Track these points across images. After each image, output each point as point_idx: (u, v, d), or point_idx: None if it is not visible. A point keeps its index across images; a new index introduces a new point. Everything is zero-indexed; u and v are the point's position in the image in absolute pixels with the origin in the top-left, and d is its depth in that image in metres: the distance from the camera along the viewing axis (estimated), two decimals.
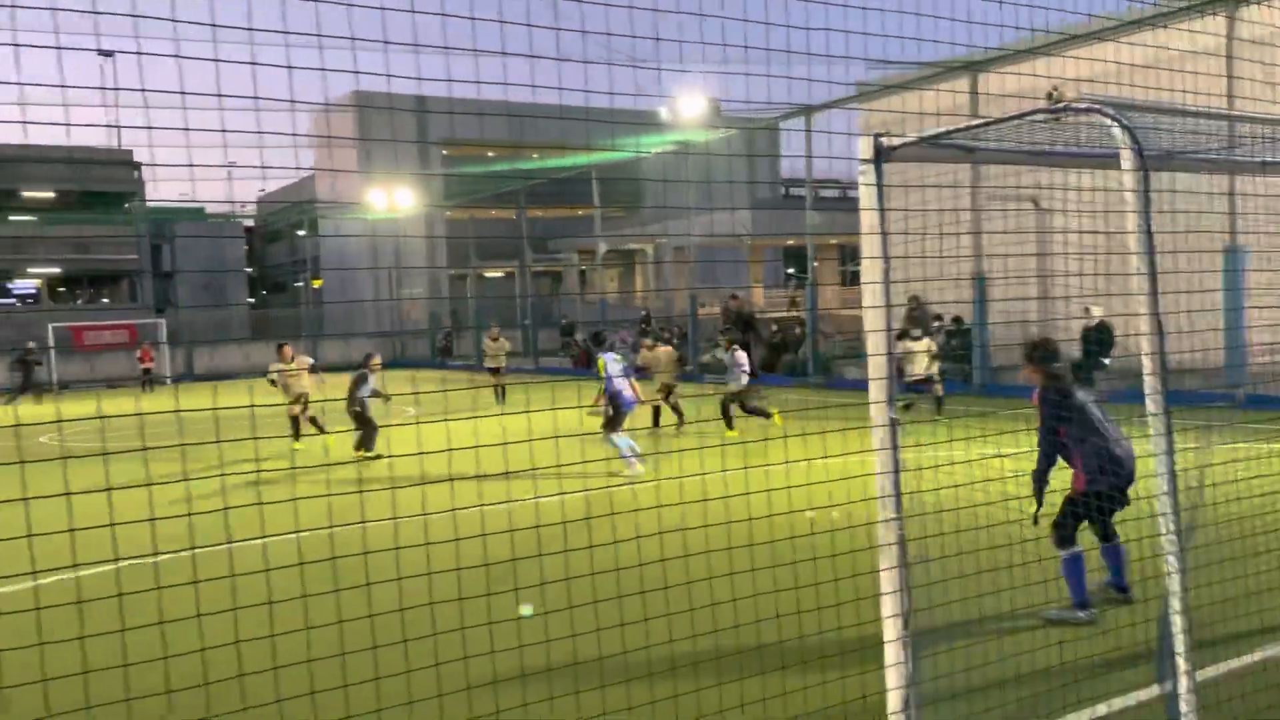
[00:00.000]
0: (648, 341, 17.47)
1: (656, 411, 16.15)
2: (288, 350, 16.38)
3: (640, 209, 43.64)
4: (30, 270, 53.85)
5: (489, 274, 50.86)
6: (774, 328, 28.42)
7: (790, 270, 48.54)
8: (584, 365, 32.29)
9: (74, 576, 4.25)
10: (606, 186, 37.37)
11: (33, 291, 56.00)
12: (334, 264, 54.01)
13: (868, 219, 4.13)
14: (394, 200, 38.93)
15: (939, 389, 16.55)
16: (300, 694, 3.89)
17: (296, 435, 15.75)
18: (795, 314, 27.77)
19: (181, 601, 3.94)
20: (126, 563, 4.31)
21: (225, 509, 3.80)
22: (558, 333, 39.48)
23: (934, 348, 16.47)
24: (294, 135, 3.75)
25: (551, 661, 4.86)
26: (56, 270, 54.25)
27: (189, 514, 3.28)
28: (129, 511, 3.32)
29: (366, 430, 14.28)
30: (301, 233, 59.39)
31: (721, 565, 4.36)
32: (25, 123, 3.09)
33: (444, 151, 48.45)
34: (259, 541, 4.03)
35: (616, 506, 8.30)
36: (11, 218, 51.06)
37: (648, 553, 4.44)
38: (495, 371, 22.39)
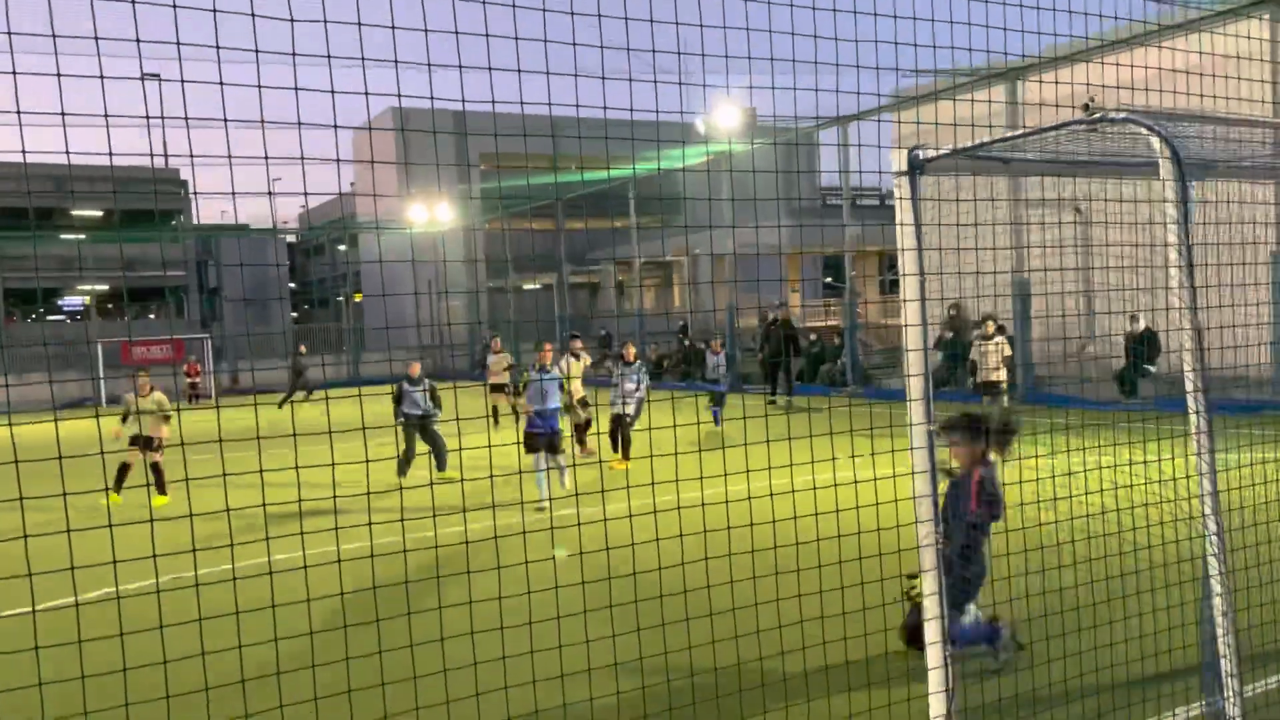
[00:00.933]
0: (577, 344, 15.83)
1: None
2: (144, 383, 13.34)
3: (677, 219, 43.70)
4: (80, 287, 55.09)
5: (527, 286, 51.18)
6: (812, 338, 28.31)
7: (829, 280, 48.31)
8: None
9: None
10: (643, 199, 37.53)
11: (80, 307, 57.28)
12: (373, 278, 54.66)
13: (904, 231, 4.14)
14: (434, 214, 39.30)
15: (1004, 399, 15.52)
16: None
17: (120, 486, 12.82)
18: (833, 324, 27.64)
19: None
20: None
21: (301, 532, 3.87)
22: (596, 344, 39.66)
23: (1007, 350, 15.42)
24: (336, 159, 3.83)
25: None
26: (104, 287, 55.44)
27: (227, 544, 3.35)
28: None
29: (434, 448, 13.28)
30: (342, 248, 60.16)
31: (769, 585, 4.37)
32: (72, 152, 3.19)
33: (480, 166, 48.87)
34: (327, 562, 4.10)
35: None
36: (62, 235, 52.26)
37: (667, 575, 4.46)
38: (500, 389, 19.06)
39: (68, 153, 3.32)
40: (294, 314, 65.37)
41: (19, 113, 3.14)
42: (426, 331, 47.43)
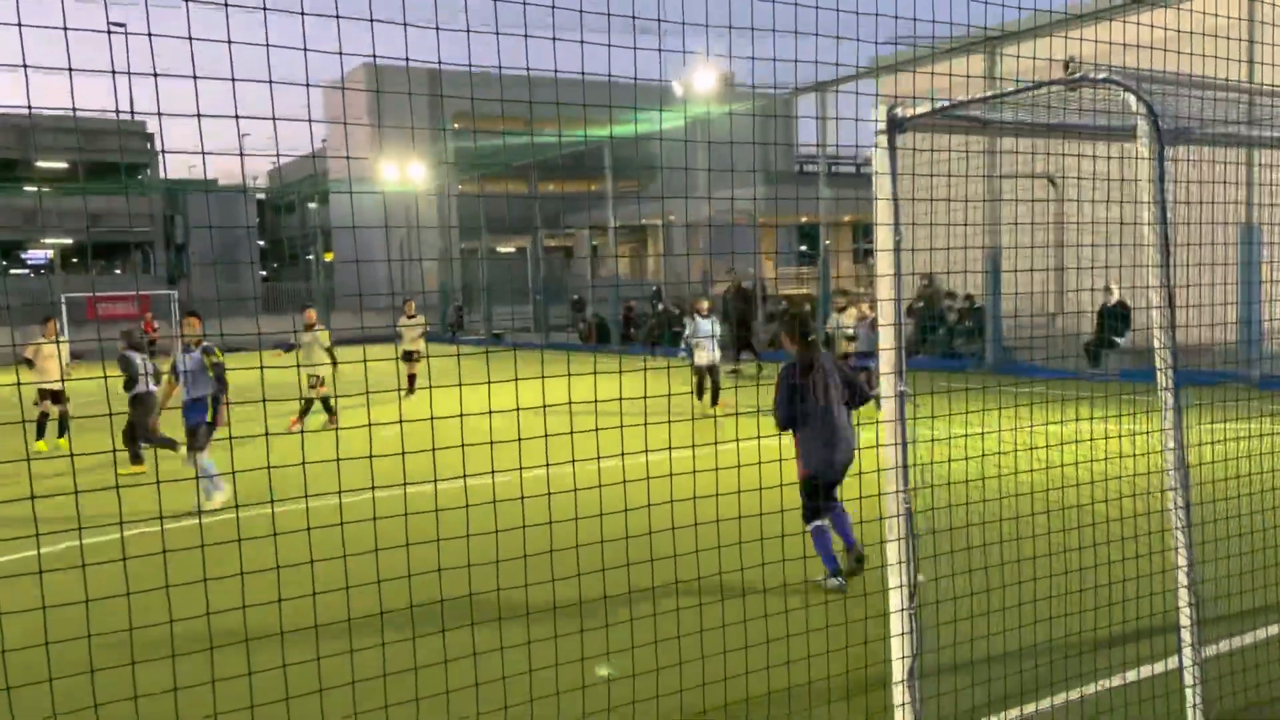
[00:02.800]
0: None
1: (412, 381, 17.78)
2: (52, 325, 13.65)
3: (653, 184, 43.51)
4: (45, 240, 54.12)
5: (501, 249, 50.87)
6: (784, 305, 28.41)
7: (803, 248, 48.38)
8: (595, 341, 32.31)
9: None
10: (620, 161, 37.28)
11: (44, 261, 56.33)
12: (345, 238, 54.06)
13: (882, 190, 4.12)
14: (406, 174, 38.86)
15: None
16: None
17: (41, 433, 13.57)
18: (806, 291, 27.72)
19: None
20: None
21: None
22: (569, 308, 39.55)
23: None
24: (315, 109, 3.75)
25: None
26: (69, 240, 54.51)
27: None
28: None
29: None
30: (313, 206, 59.47)
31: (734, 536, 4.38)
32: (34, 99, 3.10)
33: (455, 125, 48.34)
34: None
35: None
36: (26, 188, 51.24)
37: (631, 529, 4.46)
38: (410, 357, 18.45)
39: (29, 106, 3.22)
40: (263, 273, 64.64)
41: None
42: (398, 294, 47.03)
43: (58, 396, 13.44)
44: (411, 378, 17.90)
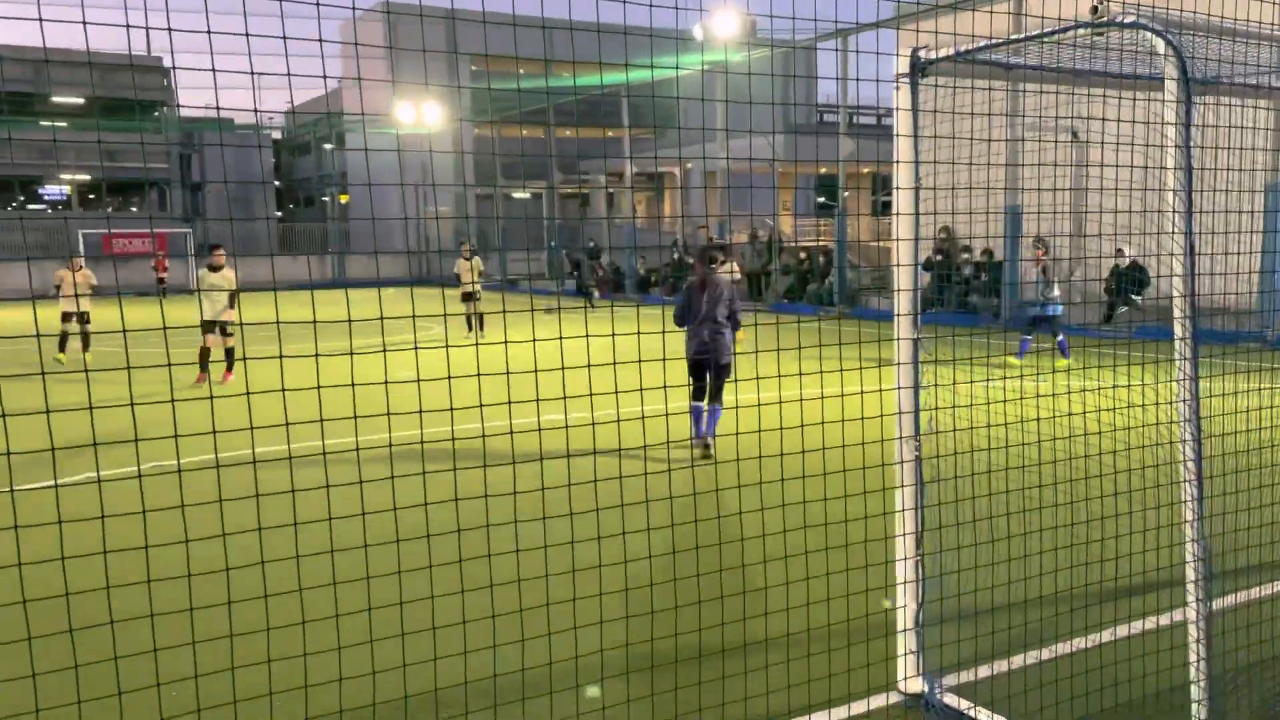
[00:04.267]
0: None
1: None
2: (76, 260, 16.49)
3: (670, 131, 43.02)
4: (61, 176, 54.07)
5: (516, 195, 50.56)
6: (802, 256, 28.24)
7: (821, 199, 47.91)
8: (611, 290, 32.21)
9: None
10: (637, 107, 36.83)
11: (62, 196, 56.33)
12: (360, 179, 53.76)
13: (903, 131, 4.06)
14: (422, 115, 38.50)
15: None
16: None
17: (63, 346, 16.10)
18: (822, 243, 27.53)
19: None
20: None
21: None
22: (584, 255, 39.40)
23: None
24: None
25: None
26: (86, 177, 54.43)
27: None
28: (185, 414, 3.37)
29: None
30: (328, 146, 59.08)
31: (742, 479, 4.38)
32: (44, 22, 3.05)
33: (472, 66, 47.79)
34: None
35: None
36: (42, 122, 51.06)
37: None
38: (470, 297, 19.16)
39: (44, 43, 3.17)
40: (278, 214, 64.46)
41: None
42: (413, 237, 46.94)
43: (84, 317, 15.92)
44: (480, 317, 18.38)
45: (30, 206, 55.68)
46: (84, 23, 3.06)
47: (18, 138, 49.65)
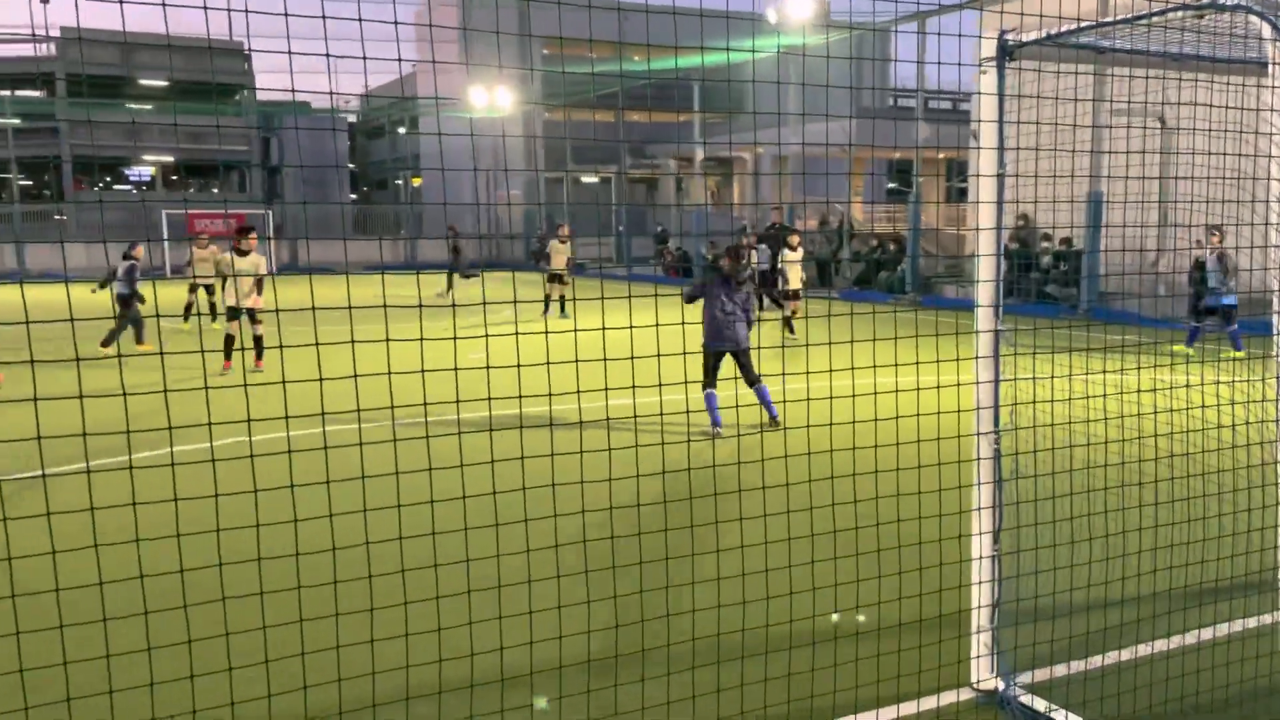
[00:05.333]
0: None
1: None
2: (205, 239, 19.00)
3: (741, 115, 42.68)
4: (145, 158, 55.67)
5: (585, 179, 50.66)
6: (873, 243, 27.84)
7: (892, 185, 47.13)
8: (678, 274, 32.15)
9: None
10: (708, 91, 36.61)
11: (147, 178, 58.02)
12: (433, 162, 54.37)
13: (988, 117, 3.94)
14: (494, 99, 38.74)
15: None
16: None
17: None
18: (894, 230, 27.11)
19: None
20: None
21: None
22: (652, 240, 39.38)
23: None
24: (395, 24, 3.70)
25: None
26: (169, 158, 55.95)
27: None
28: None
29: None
30: (402, 130, 59.87)
31: (812, 472, 4.33)
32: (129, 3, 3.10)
33: (544, 50, 47.94)
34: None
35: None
36: (128, 105, 52.59)
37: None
38: (558, 279, 19.35)
39: (124, 27, 3.23)
40: (353, 196, 65.56)
41: None
42: (484, 219, 47.33)
43: (210, 289, 17.54)
44: (561, 299, 19.06)
45: (116, 187, 57.47)
46: (163, 4, 3.11)
47: (107, 120, 51.20)
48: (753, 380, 9.04)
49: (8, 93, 48.55)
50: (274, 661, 3.63)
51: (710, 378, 9.02)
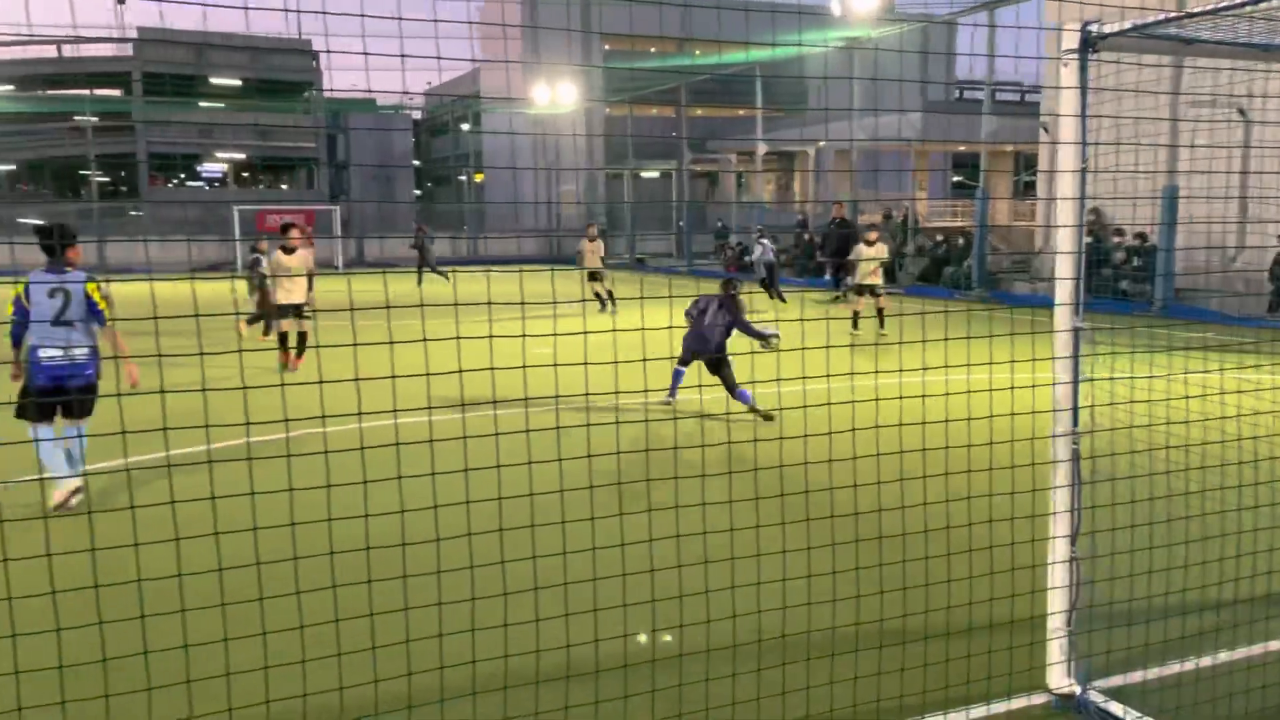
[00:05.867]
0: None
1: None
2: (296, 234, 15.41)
3: (803, 110, 42.33)
4: (218, 155, 57.00)
5: (645, 174, 50.70)
6: (938, 238, 27.42)
7: (958, 179, 46.36)
8: (738, 270, 32.03)
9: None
10: (769, 85, 36.34)
11: (219, 175, 59.41)
12: (495, 158, 54.89)
13: (1068, 115, 3.84)
14: (556, 95, 38.93)
15: None
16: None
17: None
18: (959, 225, 26.66)
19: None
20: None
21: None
22: (712, 236, 39.26)
23: None
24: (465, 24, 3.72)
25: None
26: (241, 156, 57.21)
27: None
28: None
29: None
30: (465, 127, 60.48)
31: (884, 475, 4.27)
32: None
33: (605, 46, 48.06)
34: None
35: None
36: (202, 104, 53.88)
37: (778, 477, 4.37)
38: (595, 276, 20.38)
39: (205, 24, 3.30)
40: (417, 191, 66.41)
41: None
42: (543, 216, 47.62)
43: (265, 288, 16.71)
44: (610, 293, 19.55)
45: (189, 184, 58.97)
46: (237, 6, 3.17)
47: (182, 119, 52.51)
48: (731, 388, 9.59)
49: (87, 92, 50.07)
50: (381, 649, 3.68)
51: (684, 362, 10.14)
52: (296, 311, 12.68)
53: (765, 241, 23.20)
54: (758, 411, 9.45)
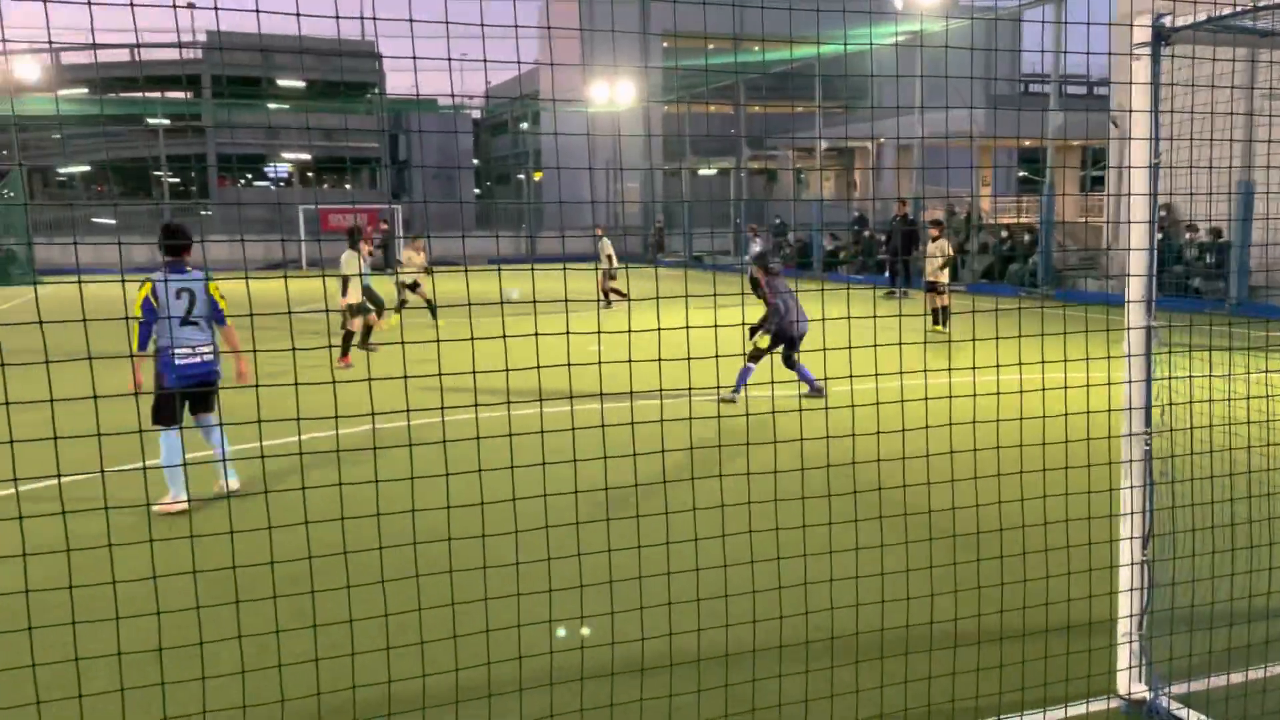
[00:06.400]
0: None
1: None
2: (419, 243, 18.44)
3: (862, 105, 41.93)
4: (284, 155, 58.18)
5: (703, 171, 50.58)
6: (1003, 234, 27.01)
7: (1023, 174, 45.51)
8: (796, 268, 31.85)
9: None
10: (829, 81, 36.05)
11: (285, 175, 60.67)
12: (554, 157, 55.17)
13: (1140, 107, 3.79)
14: (614, 93, 39.04)
15: None
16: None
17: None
18: (1025, 221, 26.21)
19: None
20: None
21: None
22: (770, 233, 39.08)
23: None
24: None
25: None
26: (306, 156, 58.33)
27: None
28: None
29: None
30: (524, 125, 60.92)
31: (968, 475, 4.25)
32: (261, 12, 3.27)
33: (664, 44, 48.04)
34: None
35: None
36: (270, 105, 55.02)
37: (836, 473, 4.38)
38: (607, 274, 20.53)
39: (258, 28, 3.40)
40: (476, 191, 67.07)
41: None
42: (602, 212, 47.77)
43: (414, 286, 17.83)
44: (616, 291, 20.08)
45: (256, 184, 60.29)
46: (299, 14, 3.27)
47: (249, 122, 53.68)
48: (794, 362, 10.48)
49: (158, 94, 51.43)
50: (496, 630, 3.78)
51: (756, 359, 10.35)
52: (362, 310, 13.64)
53: (757, 240, 24.51)
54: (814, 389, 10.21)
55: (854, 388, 6.14)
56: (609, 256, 20.68)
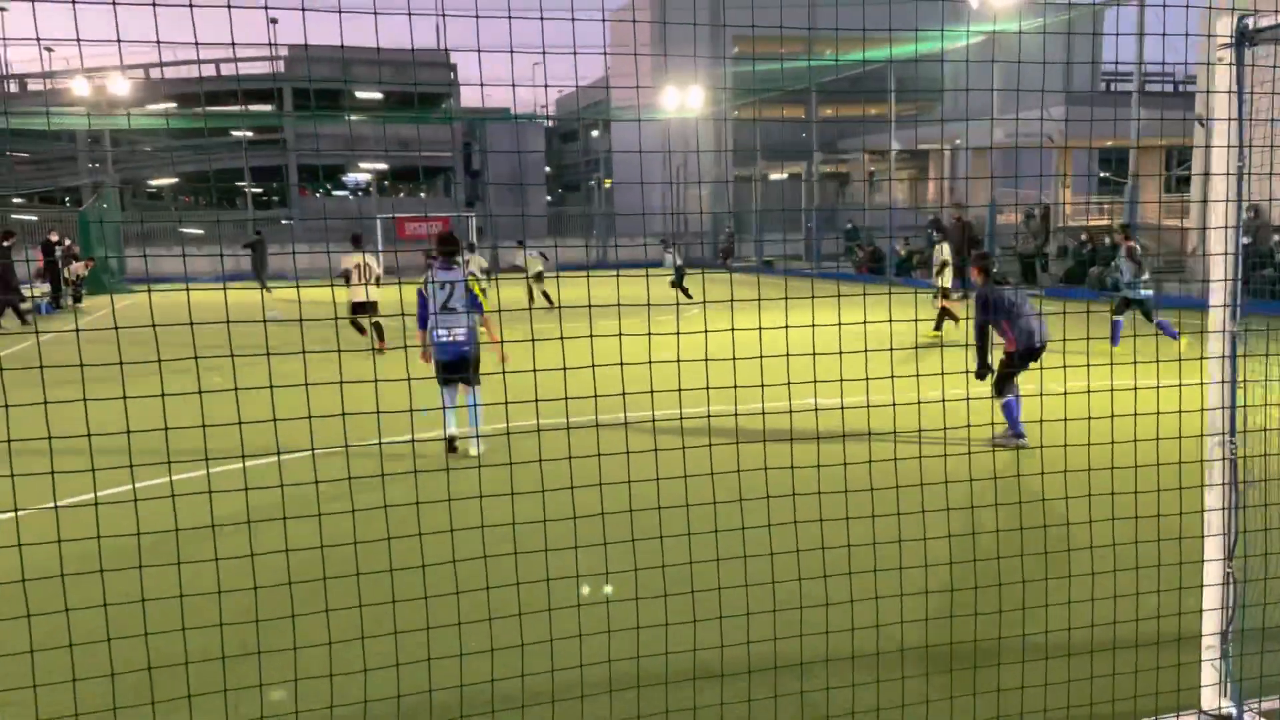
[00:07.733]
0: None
1: None
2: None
3: (936, 107, 41.32)
4: (361, 165, 59.49)
5: (774, 175, 50.36)
6: (1084, 238, 26.39)
7: (1104, 175, 44.33)
8: (867, 271, 31.51)
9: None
10: (903, 84, 35.62)
11: (363, 185, 62.06)
12: (624, 165, 55.45)
13: (1221, 113, 3.71)
14: (685, 101, 39.10)
15: None
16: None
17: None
18: (1106, 223, 25.56)
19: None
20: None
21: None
22: (842, 237, 38.72)
23: None
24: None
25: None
26: (383, 166, 59.55)
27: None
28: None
29: None
30: (595, 133, 61.37)
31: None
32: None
33: (735, 49, 47.98)
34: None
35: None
36: (351, 117, 56.25)
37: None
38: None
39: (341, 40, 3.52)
40: (548, 198, 67.74)
41: (304, 10, 3.31)
42: (672, 219, 47.91)
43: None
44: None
45: (335, 193, 61.76)
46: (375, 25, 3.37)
47: (328, 132, 55.02)
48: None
49: (241, 107, 53.02)
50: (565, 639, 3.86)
51: (1009, 382, 8.09)
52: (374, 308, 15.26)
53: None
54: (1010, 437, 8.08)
55: (945, 406, 6.09)
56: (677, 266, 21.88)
